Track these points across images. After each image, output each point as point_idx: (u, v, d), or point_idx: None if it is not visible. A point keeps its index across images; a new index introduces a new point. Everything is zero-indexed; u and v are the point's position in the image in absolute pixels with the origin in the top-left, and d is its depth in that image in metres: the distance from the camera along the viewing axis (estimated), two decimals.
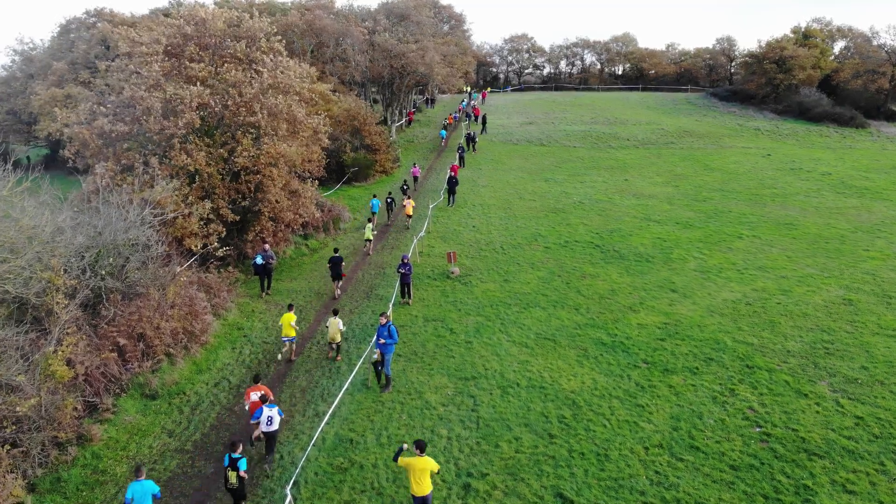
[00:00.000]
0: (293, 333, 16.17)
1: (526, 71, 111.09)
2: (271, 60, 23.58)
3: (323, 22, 45.39)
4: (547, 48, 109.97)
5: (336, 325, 15.95)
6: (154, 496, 10.02)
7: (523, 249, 24.54)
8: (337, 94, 39.75)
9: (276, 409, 11.89)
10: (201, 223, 20.32)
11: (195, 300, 17.69)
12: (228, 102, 21.47)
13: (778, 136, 53.00)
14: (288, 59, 24.94)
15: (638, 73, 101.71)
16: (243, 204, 22.45)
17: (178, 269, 18.13)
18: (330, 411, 13.27)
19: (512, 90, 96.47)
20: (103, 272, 15.49)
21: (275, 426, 11.81)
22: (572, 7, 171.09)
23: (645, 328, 17.50)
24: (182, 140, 21.06)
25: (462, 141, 45.46)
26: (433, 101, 73.97)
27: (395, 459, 10.17)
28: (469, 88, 78.35)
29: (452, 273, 21.79)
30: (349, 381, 14.40)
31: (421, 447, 10.01)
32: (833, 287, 20.57)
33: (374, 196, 30.34)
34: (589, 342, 16.65)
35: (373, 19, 54.15)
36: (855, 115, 60.21)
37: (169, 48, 22.99)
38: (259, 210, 22.53)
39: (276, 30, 27.10)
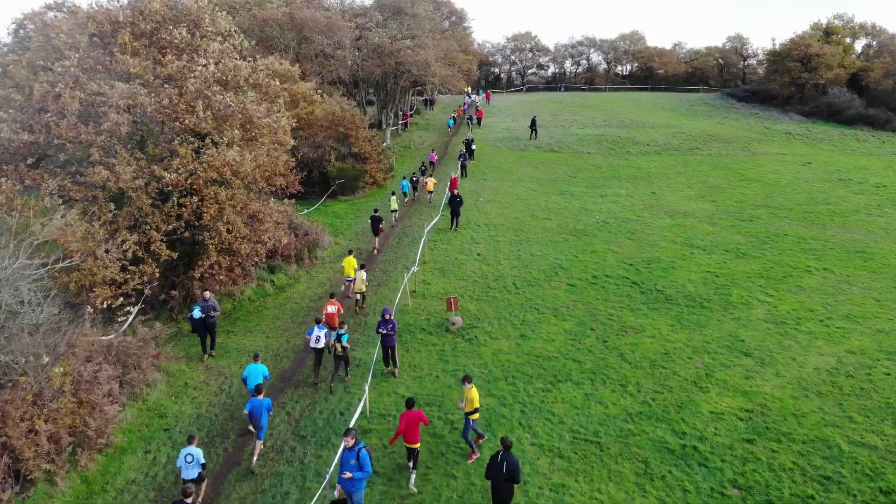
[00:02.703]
0: (353, 274, 18.63)
1: (530, 71, 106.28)
2: (219, 46, 18.69)
3: (305, 14, 40.50)
4: (551, 47, 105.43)
5: (361, 277, 18.13)
6: (264, 376, 12.57)
7: (542, 288, 19.63)
8: (322, 94, 34.91)
9: (324, 331, 14.22)
10: (122, 265, 15.45)
11: (98, 381, 12.77)
12: (164, 101, 16.58)
13: (811, 140, 48.10)
14: (242, 42, 19.99)
15: (647, 72, 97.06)
16: (185, 234, 17.58)
17: (77, 334, 13.24)
18: None
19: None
20: None
21: (321, 345, 14.11)
22: (576, 5, 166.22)
23: (722, 420, 12.59)
24: (104, 151, 16.21)
25: (462, 147, 40.56)
26: (432, 102, 69.07)
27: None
28: (469, 88, 73.46)
29: (453, 325, 16.88)
30: None
31: (468, 379, 11.52)
32: None
33: (404, 178, 32.69)
34: (648, 447, 11.73)
35: (364, 15, 49.32)
36: (891, 118, 55.28)
37: (95, 38, 18.16)
38: (204, 242, 17.65)
39: (224, 13, 22.21)
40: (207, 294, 16.00)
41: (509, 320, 17.31)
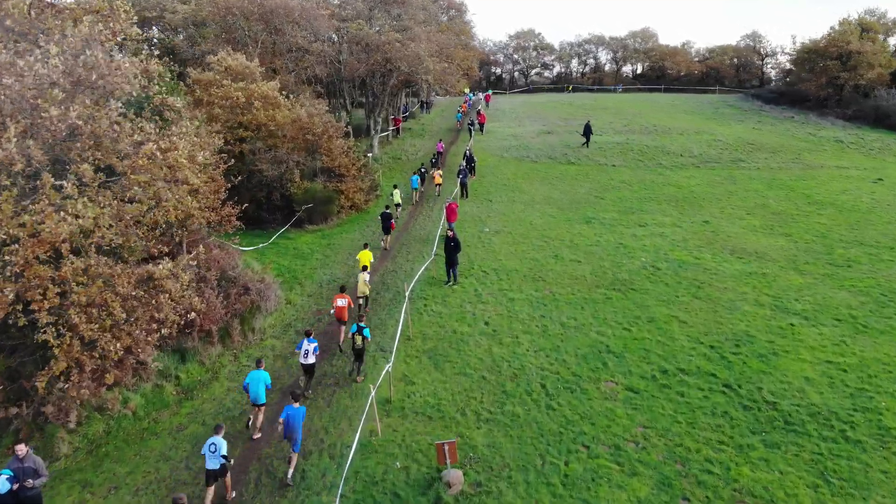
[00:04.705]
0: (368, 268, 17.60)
1: (534, 71, 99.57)
2: (86, 29, 11.83)
3: (275, 0, 33.67)
4: (556, 45, 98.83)
5: (364, 280, 16.81)
6: (265, 385, 11.70)
7: (587, 394, 12.81)
8: (288, 95, 28.10)
9: (314, 345, 12.87)
10: None
11: None
12: None
13: (867, 150, 41.33)
14: (130, 24, 13.09)
15: (659, 72, 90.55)
16: (20, 322, 10.77)
17: None
18: None
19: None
20: None
21: (311, 359, 12.86)
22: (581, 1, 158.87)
23: None
24: None
25: (462, 162, 33.74)
26: (429, 104, 62.24)
27: None
28: (467, 89, 66.59)
29: (449, 487, 10.06)
30: None
31: None
32: None
33: (414, 173, 30.48)
34: None
35: (346, 6, 42.56)
36: None
37: None
38: (48, 341, 10.85)
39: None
40: (22, 449, 9.19)
41: (542, 472, 10.47)
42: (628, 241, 22.77)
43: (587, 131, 39.98)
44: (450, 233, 18.90)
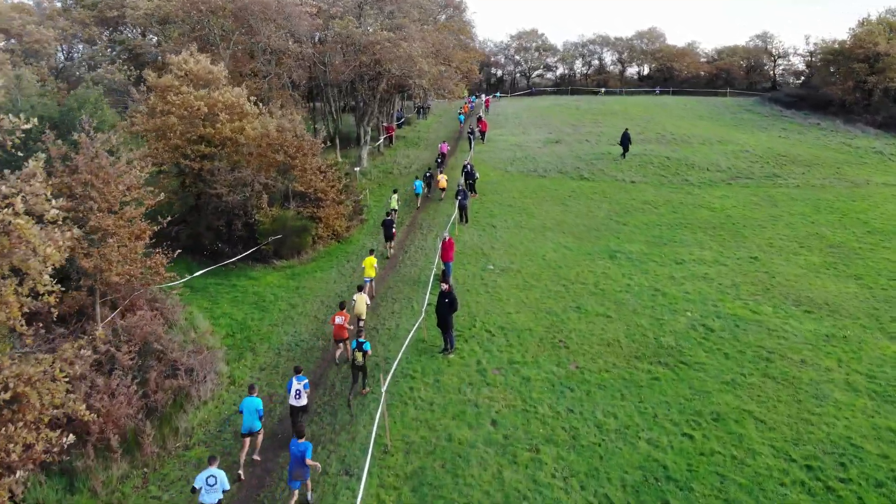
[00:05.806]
0: (373, 274, 17.95)
1: (536, 72, 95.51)
2: None
3: None
4: (560, 46, 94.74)
5: (363, 300, 15.52)
6: (258, 411, 10.76)
7: None
8: (257, 103, 23.91)
9: (303, 382, 11.47)
10: None
11: None
12: None
13: None
14: None
15: (667, 74, 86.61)
16: None
17: None
18: None
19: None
20: None
21: (303, 401, 11.46)
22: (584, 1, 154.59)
23: None
24: None
25: (461, 179, 29.59)
26: (426, 109, 58.08)
27: None
28: (465, 94, 62.36)
29: None
30: None
31: None
32: None
33: (417, 178, 29.49)
34: None
35: (339, 2, 38.39)
36: None
37: None
38: None
39: None
40: None
41: None
42: (666, 285, 18.57)
43: (625, 140, 35.67)
44: (444, 286, 14.66)
